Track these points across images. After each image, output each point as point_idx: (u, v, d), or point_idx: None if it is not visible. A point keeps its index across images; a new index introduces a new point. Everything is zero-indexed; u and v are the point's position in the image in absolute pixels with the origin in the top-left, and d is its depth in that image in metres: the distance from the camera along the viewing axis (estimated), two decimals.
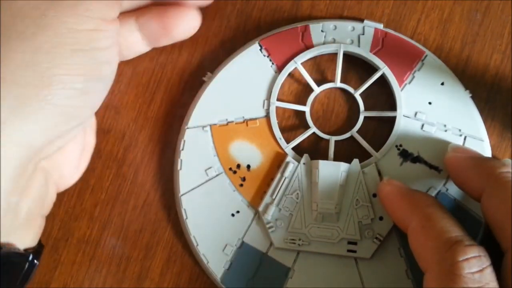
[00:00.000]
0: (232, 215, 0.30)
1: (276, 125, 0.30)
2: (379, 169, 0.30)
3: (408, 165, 0.30)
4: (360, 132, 0.30)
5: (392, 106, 0.30)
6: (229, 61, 0.31)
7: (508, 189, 0.25)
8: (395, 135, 0.30)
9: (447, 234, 0.24)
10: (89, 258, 0.32)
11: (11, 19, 0.24)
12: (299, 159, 0.30)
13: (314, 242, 0.29)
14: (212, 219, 0.30)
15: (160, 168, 0.32)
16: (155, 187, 0.32)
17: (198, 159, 0.30)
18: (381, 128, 0.31)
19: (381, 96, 0.31)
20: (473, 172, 0.27)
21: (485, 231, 0.29)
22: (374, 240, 0.29)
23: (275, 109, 0.30)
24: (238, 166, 0.30)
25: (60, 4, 0.25)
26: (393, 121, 0.30)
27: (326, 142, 0.31)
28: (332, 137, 0.31)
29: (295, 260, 0.30)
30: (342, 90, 0.31)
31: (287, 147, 0.30)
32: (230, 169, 0.30)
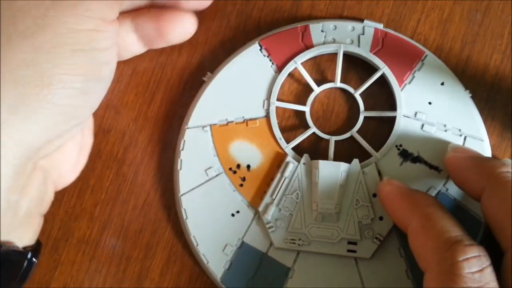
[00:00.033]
0: (232, 215, 0.30)
1: (276, 125, 0.30)
2: (379, 169, 0.30)
3: (408, 165, 0.30)
4: (360, 132, 0.30)
5: (392, 106, 0.30)
6: (229, 61, 0.31)
7: (508, 189, 0.25)
8: (395, 135, 0.30)
9: (447, 234, 0.24)
10: (89, 258, 0.32)
11: (12, 19, 0.24)
12: (299, 159, 0.30)
13: (314, 242, 0.29)
14: (212, 219, 0.30)
15: (160, 168, 0.32)
16: (155, 187, 0.32)
17: (198, 159, 0.30)
18: (381, 128, 0.31)
19: (381, 96, 0.31)
20: (473, 172, 0.27)
21: (485, 231, 0.29)
22: (374, 240, 0.29)
23: (275, 109, 0.30)
24: (238, 166, 0.30)
25: (60, 4, 0.25)
26: (393, 121, 0.30)
27: (326, 142, 0.31)
28: (332, 137, 0.31)
29: (295, 260, 0.30)
30: (342, 90, 0.31)
31: (287, 147, 0.30)
32: (230, 169, 0.30)
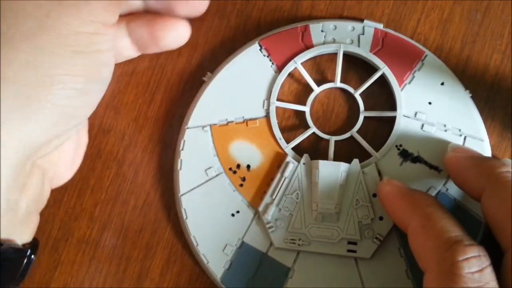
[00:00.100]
0: (232, 215, 0.30)
1: (276, 125, 0.30)
2: (379, 169, 0.30)
3: (408, 165, 0.30)
4: (360, 132, 0.30)
5: (392, 106, 0.30)
6: (229, 61, 0.31)
7: (508, 189, 0.25)
8: (395, 135, 0.30)
9: (447, 234, 0.24)
10: (89, 258, 0.32)
11: (14, 19, 0.24)
12: (299, 159, 0.30)
13: (314, 242, 0.29)
14: (212, 219, 0.30)
15: (160, 168, 0.32)
16: (155, 187, 0.32)
17: (198, 159, 0.30)
18: (381, 128, 0.31)
19: (381, 96, 0.31)
20: (473, 172, 0.27)
21: (485, 231, 0.29)
22: (374, 240, 0.29)
23: (275, 109, 0.30)
24: (238, 166, 0.30)
25: (63, 6, 0.25)
26: (393, 121, 0.30)
27: (326, 142, 0.31)
28: (332, 137, 0.31)
29: (295, 260, 0.30)
30: (342, 90, 0.31)
31: (287, 147, 0.30)
32: (230, 169, 0.30)
